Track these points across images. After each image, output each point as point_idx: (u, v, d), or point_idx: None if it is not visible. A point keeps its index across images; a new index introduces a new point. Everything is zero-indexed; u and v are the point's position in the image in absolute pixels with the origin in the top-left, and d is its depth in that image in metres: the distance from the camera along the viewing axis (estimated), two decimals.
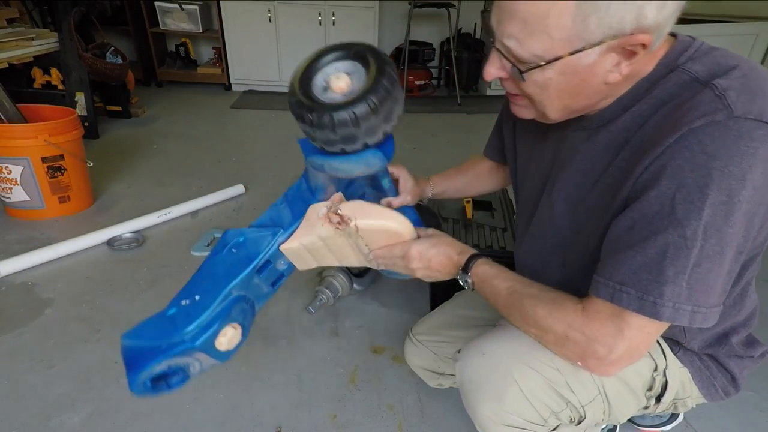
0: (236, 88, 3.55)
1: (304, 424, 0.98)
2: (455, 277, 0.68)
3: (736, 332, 0.66)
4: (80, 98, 2.31)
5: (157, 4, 3.24)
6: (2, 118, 1.63)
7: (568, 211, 0.64)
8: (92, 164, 1.72)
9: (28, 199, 1.61)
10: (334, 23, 3.33)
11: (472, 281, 0.65)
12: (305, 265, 0.70)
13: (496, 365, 0.64)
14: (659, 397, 0.69)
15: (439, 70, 4.03)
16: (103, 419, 0.96)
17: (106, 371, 1.07)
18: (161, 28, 3.34)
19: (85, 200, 1.77)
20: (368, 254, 0.70)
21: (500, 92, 3.76)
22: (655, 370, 0.68)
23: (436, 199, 0.97)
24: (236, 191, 1.93)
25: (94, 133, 2.40)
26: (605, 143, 0.58)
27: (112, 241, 1.54)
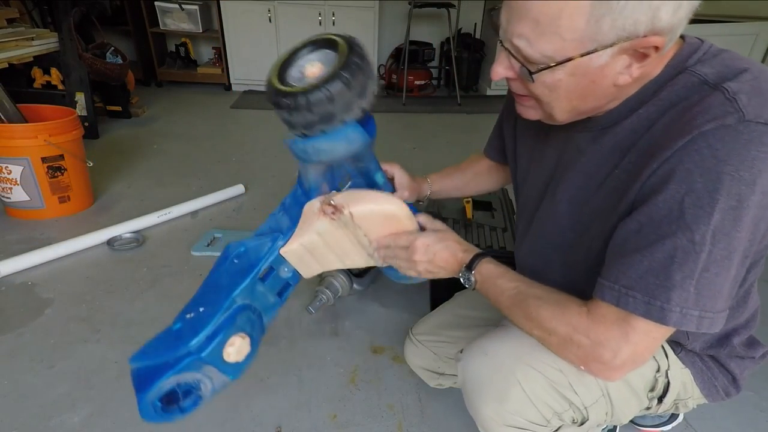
0: (236, 88, 3.55)
1: (304, 424, 0.98)
2: (456, 275, 0.67)
3: (737, 333, 0.66)
4: (80, 98, 2.31)
5: (157, 4, 3.24)
6: (2, 118, 1.63)
7: (571, 212, 0.63)
8: (92, 164, 1.72)
9: (28, 199, 1.61)
10: (334, 23, 3.33)
11: (475, 279, 0.64)
12: (308, 270, 0.69)
13: (498, 365, 0.64)
14: (661, 397, 0.69)
15: (439, 70, 4.03)
16: (103, 419, 0.96)
17: (106, 371, 1.07)
18: (161, 28, 3.34)
19: (85, 200, 1.77)
20: (369, 246, 0.68)
21: (500, 92, 3.76)
22: (657, 370, 0.68)
23: (435, 198, 0.96)
24: (236, 191, 1.93)
25: (94, 133, 2.40)
26: (611, 145, 0.57)
27: (112, 241, 1.54)
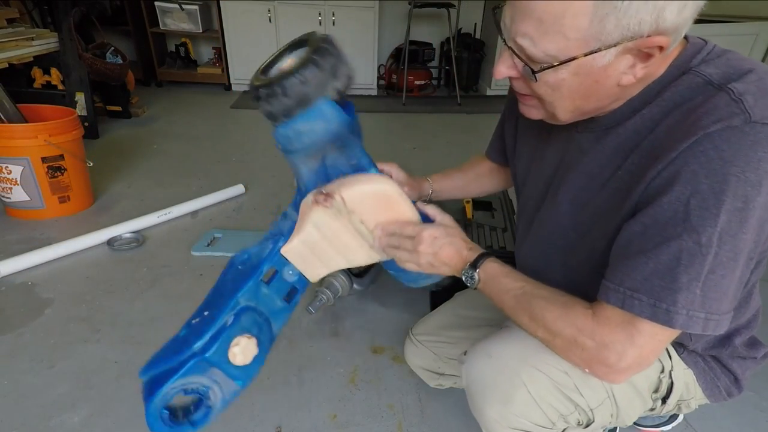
0: (236, 88, 3.55)
1: (304, 424, 0.98)
2: (457, 273, 0.66)
3: (739, 334, 0.66)
4: (80, 98, 2.31)
5: (157, 4, 3.24)
6: (2, 118, 1.63)
7: (573, 213, 0.63)
8: (92, 164, 1.72)
9: (28, 199, 1.61)
10: (334, 23, 3.33)
11: (479, 278, 0.63)
12: (312, 271, 0.68)
13: (503, 367, 0.64)
14: (665, 398, 0.69)
15: (439, 70, 4.03)
16: (103, 419, 0.96)
17: (106, 371, 1.07)
18: (161, 28, 3.34)
19: (85, 200, 1.77)
20: (369, 235, 0.67)
21: (500, 92, 3.76)
22: (661, 371, 0.67)
23: (436, 199, 0.96)
24: (236, 191, 1.93)
25: (94, 133, 2.40)
26: (614, 146, 0.57)
27: (112, 241, 1.54)
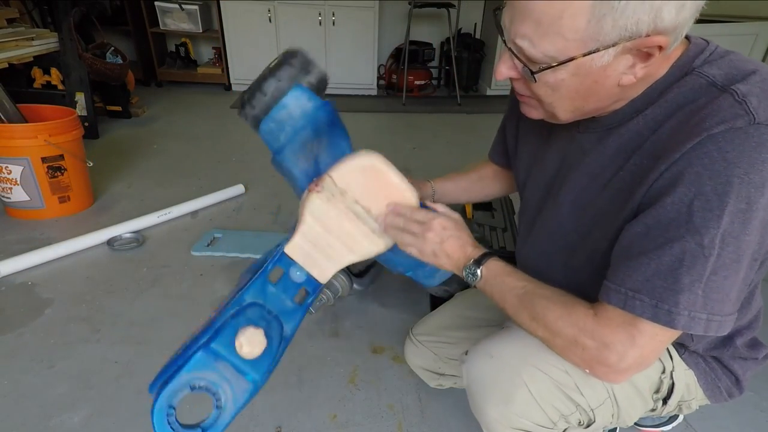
0: (236, 88, 3.55)
1: (304, 424, 0.98)
2: (458, 269, 0.66)
3: (740, 334, 0.66)
4: (80, 98, 2.31)
5: (157, 4, 3.23)
6: (2, 118, 1.63)
7: (575, 214, 0.63)
8: (92, 164, 1.72)
9: (28, 199, 1.61)
10: (334, 23, 3.33)
11: (481, 275, 0.63)
12: (319, 268, 0.66)
13: (504, 367, 0.64)
14: (666, 399, 0.69)
15: (439, 70, 4.03)
16: (103, 419, 0.96)
17: (106, 371, 1.07)
18: (161, 28, 3.34)
19: (85, 200, 1.77)
20: (368, 217, 0.65)
21: (500, 92, 3.76)
22: (662, 372, 0.67)
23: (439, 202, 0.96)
24: (236, 191, 1.93)
25: (94, 133, 2.40)
26: (616, 146, 0.57)
27: (112, 241, 1.54)
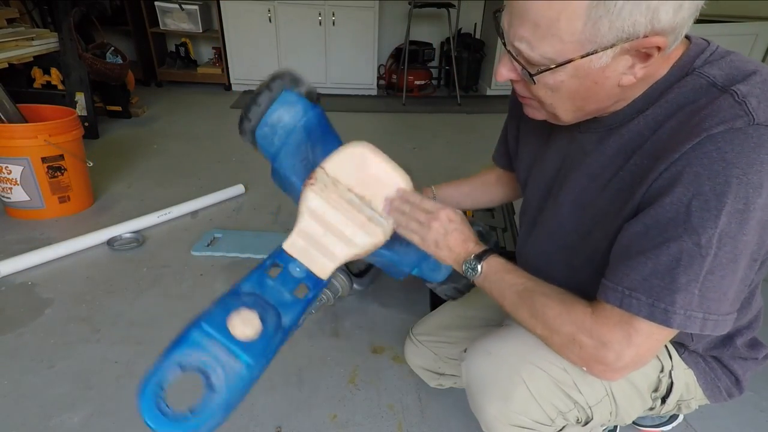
0: (236, 88, 3.55)
1: (304, 424, 0.98)
2: (457, 263, 0.66)
3: (740, 334, 0.66)
4: (80, 98, 2.31)
5: (157, 4, 3.23)
6: (2, 118, 1.63)
7: (575, 214, 0.63)
8: (92, 164, 1.71)
9: (28, 199, 1.61)
10: (334, 23, 3.33)
11: (481, 270, 0.63)
12: (318, 265, 0.66)
13: (503, 364, 0.64)
14: (664, 398, 0.69)
15: (439, 70, 4.03)
16: (103, 419, 0.96)
17: (106, 371, 1.07)
18: (161, 28, 3.34)
19: (85, 200, 1.77)
20: (362, 205, 0.64)
21: (500, 92, 3.76)
22: (661, 371, 0.68)
23: None
24: (236, 191, 1.93)
25: (94, 133, 2.40)
26: (616, 147, 0.57)
27: (112, 241, 1.54)
